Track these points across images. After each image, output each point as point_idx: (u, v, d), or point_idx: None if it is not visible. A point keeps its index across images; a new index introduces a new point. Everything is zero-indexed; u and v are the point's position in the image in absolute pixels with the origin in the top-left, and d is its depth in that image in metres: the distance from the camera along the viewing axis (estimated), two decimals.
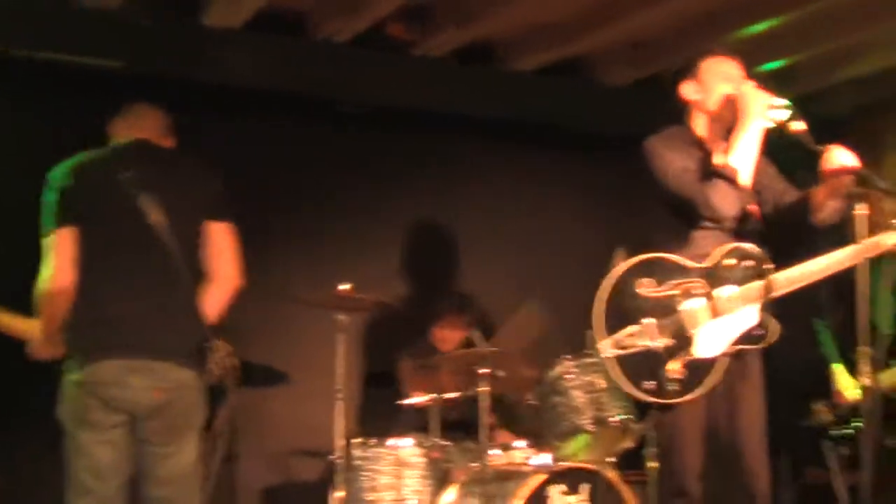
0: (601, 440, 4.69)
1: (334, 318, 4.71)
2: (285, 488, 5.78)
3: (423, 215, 6.26)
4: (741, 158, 3.61)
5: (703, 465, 3.67)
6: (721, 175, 3.60)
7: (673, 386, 3.52)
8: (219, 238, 3.91)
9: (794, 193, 3.79)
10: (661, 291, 3.61)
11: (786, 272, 3.63)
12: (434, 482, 4.59)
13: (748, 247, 3.66)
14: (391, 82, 5.93)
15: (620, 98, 6.48)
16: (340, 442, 4.64)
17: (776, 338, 3.61)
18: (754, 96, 3.64)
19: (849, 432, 5.25)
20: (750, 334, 3.61)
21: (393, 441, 4.63)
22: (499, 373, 4.48)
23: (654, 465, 4.54)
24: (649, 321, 3.57)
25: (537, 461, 4.59)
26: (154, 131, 4.01)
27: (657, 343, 3.54)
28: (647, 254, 3.65)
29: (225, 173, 4.04)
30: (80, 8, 5.16)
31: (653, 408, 3.66)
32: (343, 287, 4.62)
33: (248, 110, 5.73)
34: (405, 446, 4.61)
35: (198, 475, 3.91)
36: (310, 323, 5.40)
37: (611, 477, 4.51)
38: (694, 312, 3.58)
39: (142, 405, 3.68)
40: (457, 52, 5.97)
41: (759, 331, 3.61)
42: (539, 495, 4.37)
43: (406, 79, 5.95)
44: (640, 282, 3.60)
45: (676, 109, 4.04)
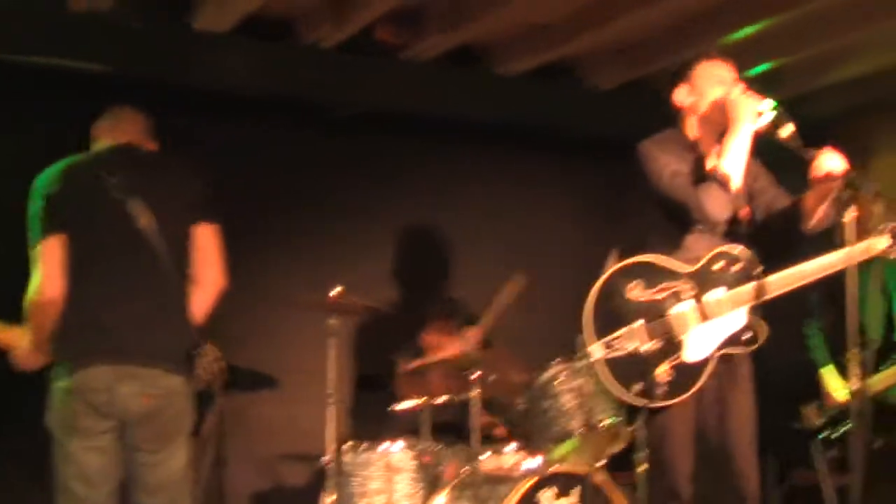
0: (591, 444, 4.70)
1: (326, 322, 4.70)
2: (275, 493, 5.77)
3: (413, 219, 6.26)
4: (733, 162, 3.64)
5: (694, 468, 3.69)
6: (713, 179, 3.62)
7: (662, 389, 3.53)
8: (204, 240, 3.92)
9: (787, 199, 3.81)
10: (651, 294, 3.62)
11: (777, 275, 3.65)
12: (425, 486, 4.58)
13: (737, 250, 3.68)
14: (380, 86, 5.92)
15: (608, 101, 6.49)
16: (331, 446, 4.63)
17: (764, 341, 3.63)
18: (745, 101, 3.67)
19: (838, 435, 5.27)
20: (739, 337, 3.63)
21: (384, 445, 4.62)
22: (490, 377, 4.48)
23: (644, 468, 4.55)
24: (639, 324, 3.59)
25: (528, 465, 4.60)
26: (137, 134, 4.03)
27: (646, 346, 3.56)
28: (639, 257, 3.67)
29: (215, 177, 4.04)
30: (69, 11, 5.14)
31: (642, 410, 3.66)
32: (334, 291, 4.61)
33: (238, 114, 5.72)
34: (396, 451, 4.60)
35: (188, 481, 3.92)
36: (301, 327, 5.40)
37: (601, 480, 4.52)
38: (683, 315, 3.60)
39: (131, 411, 3.68)
40: (446, 56, 5.97)
41: (748, 334, 3.62)
42: (530, 499, 4.36)
43: (395, 82, 5.95)
44: (630, 285, 3.62)
45: (665, 112, 4.06)
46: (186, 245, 3.88)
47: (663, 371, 3.54)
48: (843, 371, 5.21)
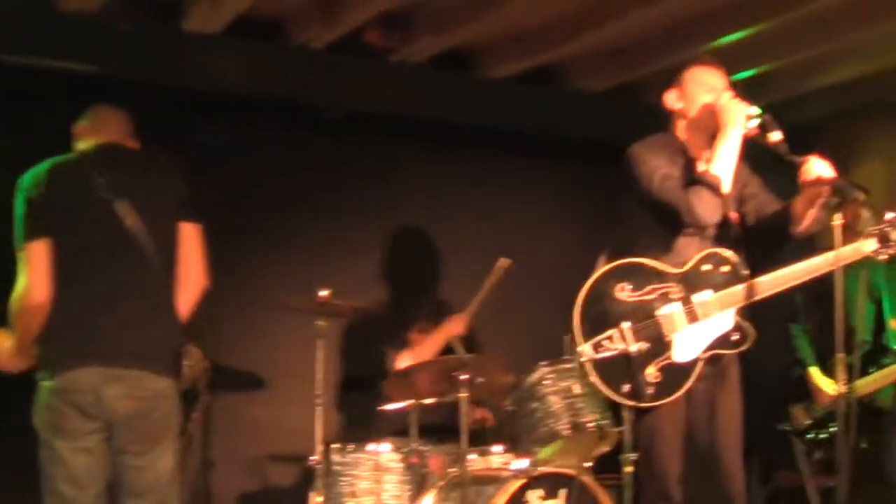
0: (578, 445, 4.72)
1: (314, 324, 4.71)
2: (262, 494, 5.76)
3: (402, 220, 6.26)
4: (723, 166, 3.67)
5: (682, 469, 3.71)
6: (704, 182, 3.65)
7: (650, 389, 3.56)
8: (187, 240, 3.91)
9: (776, 203, 3.84)
10: (640, 296, 3.65)
11: (765, 277, 3.68)
12: (413, 487, 4.59)
13: (725, 252, 3.70)
14: (369, 88, 5.93)
15: (596, 105, 6.52)
16: (320, 447, 4.64)
17: (752, 342, 3.66)
18: (734, 107, 3.69)
19: (824, 436, 5.30)
20: (727, 339, 3.65)
21: (372, 446, 4.63)
22: (478, 379, 4.49)
23: (630, 470, 4.58)
24: (627, 325, 3.61)
25: (515, 466, 4.61)
26: (119, 133, 4.01)
27: (634, 347, 3.58)
28: (628, 259, 3.69)
29: (204, 178, 4.04)
30: (60, 12, 5.13)
31: (630, 411, 3.69)
32: (323, 293, 4.62)
33: (227, 115, 5.72)
34: (384, 451, 4.61)
35: (176, 483, 3.91)
36: (289, 328, 5.39)
37: (588, 481, 4.54)
38: (671, 317, 3.63)
39: (117, 413, 3.67)
40: (435, 59, 5.98)
41: (736, 335, 3.65)
42: (517, 500, 4.38)
43: (384, 85, 5.95)
44: (619, 286, 3.64)
45: (651, 116, 4.09)
46: (173, 245, 3.87)
47: (652, 372, 3.56)
48: (829, 373, 5.24)
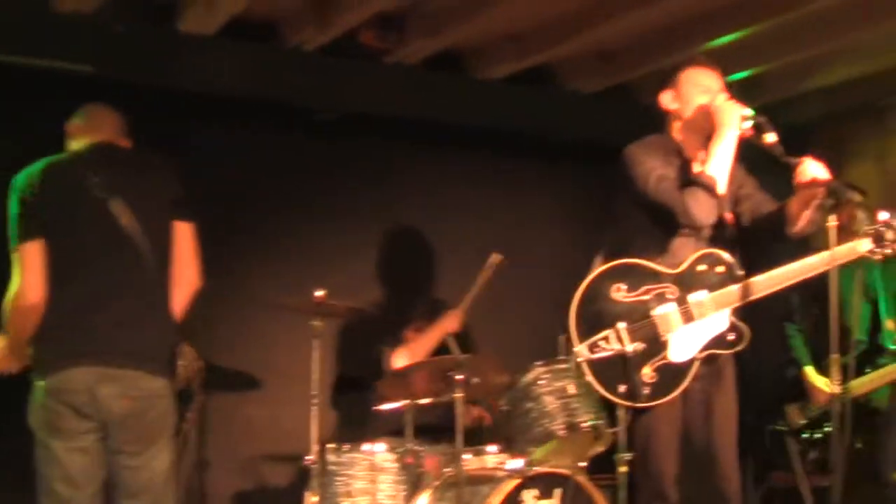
0: (573, 445, 4.73)
1: (310, 324, 4.71)
2: (257, 494, 5.75)
3: (397, 221, 6.27)
4: (718, 167, 3.68)
5: (678, 469, 3.72)
6: (699, 183, 3.66)
7: (646, 389, 3.57)
8: (181, 239, 3.91)
9: (772, 204, 3.85)
10: (635, 296, 3.66)
11: (760, 277, 3.69)
12: (408, 487, 4.60)
13: (720, 253, 3.72)
14: (364, 89, 5.93)
15: (590, 105, 6.53)
16: (315, 447, 4.64)
17: (747, 342, 3.68)
18: (729, 108, 3.71)
19: (819, 435, 5.31)
20: (723, 338, 3.67)
21: (367, 446, 4.64)
22: (473, 379, 4.49)
23: (625, 470, 4.59)
24: (623, 326, 3.62)
25: (510, 466, 4.62)
26: (112, 132, 4.00)
27: (630, 347, 3.59)
28: (624, 259, 3.70)
29: (199, 179, 4.04)
30: (55, 12, 5.13)
31: (626, 411, 3.70)
32: (318, 293, 4.63)
33: (222, 117, 5.71)
34: (379, 451, 4.62)
35: (172, 483, 3.91)
36: (285, 328, 5.41)
37: (583, 481, 4.55)
38: (667, 317, 3.64)
39: (113, 413, 3.67)
40: (429, 60, 5.99)
41: (732, 335, 3.66)
42: (512, 500, 4.38)
43: (378, 86, 5.95)
44: (615, 287, 3.65)
45: (645, 117, 4.10)
46: (167, 244, 3.87)
47: (648, 372, 3.57)
48: (825, 373, 5.25)
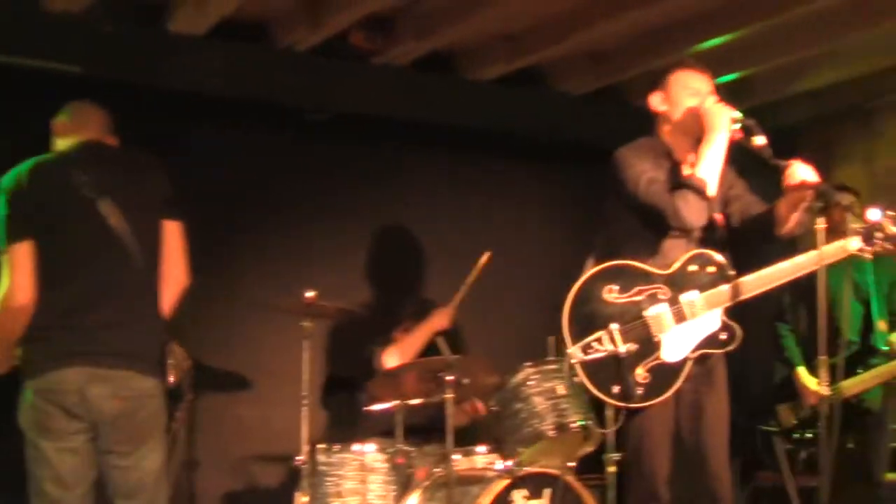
0: (562, 445, 4.75)
1: (300, 325, 4.72)
2: (247, 494, 5.75)
3: (388, 222, 6.27)
4: (709, 170, 3.69)
5: (670, 470, 3.74)
6: (690, 186, 3.68)
7: (639, 390, 3.58)
8: (170, 237, 3.91)
9: (761, 205, 3.87)
10: (627, 297, 3.67)
11: (749, 277, 3.71)
12: (398, 487, 4.61)
13: (711, 253, 3.73)
14: (354, 90, 5.93)
15: (580, 107, 6.55)
16: (305, 447, 4.65)
17: (739, 342, 3.69)
18: (719, 111, 3.72)
19: (811, 435, 5.33)
20: (716, 338, 3.68)
21: (358, 446, 4.65)
22: (463, 380, 4.51)
23: (614, 470, 4.61)
24: (615, 327, 3.63)
25: (500, 466, 4.64)
26: (99, 130, 4.00)
27: (623, 348, 3.60)
28: (616, 261, 3.72)
29: (189, 180, 4.03)
30: (45, 12, 5.12)
31: (621, 412, 3.71)
32: (309, 294, 4.64)
33: (212, 117, 5.71)
34: (370, 451, 4.63)
35: (163, 483, 3.91)
36: (275, 329, 5.41)
37: (572, 481, 4.57)
38: (659, 317, 3.65)
39: (103, 413, 3.67)
40: (419, 61, 6.00)
41: (724, 335, 3.68)
42: (502, 500, 4.40)
43: (369, 87, 5.95)
44: (607, 288, 3.67)
45: (635, 118, 4.12)
46: (156, 243, 3.87)
47: (641, 373, 3.59)
48: (817, 373, 5.26)
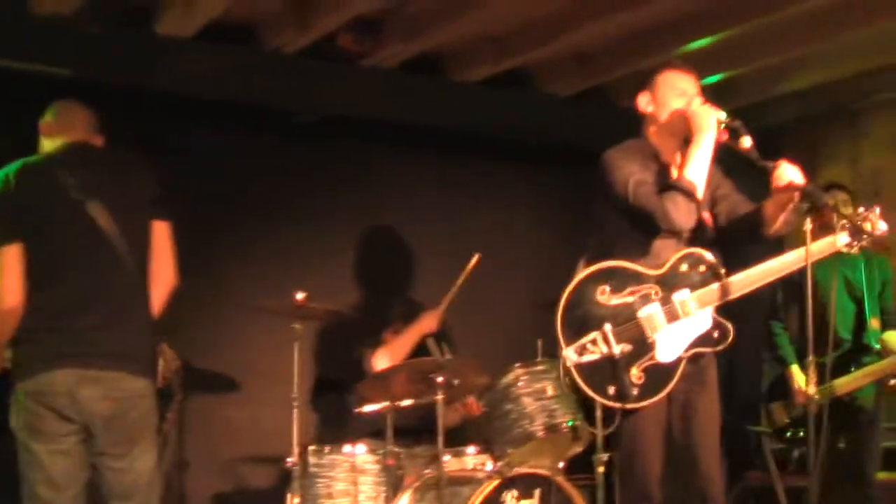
0: (552, 446, 4.77)
1: (290, 326, 4.73)
2: (237, 495, 5.75)
3: (376, 224, 6.28)
4: (696, 172, 3.71)
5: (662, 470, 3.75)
6: (679, 188, 3.70)
7: (634, 391, 3.59)
8: (158, 238, 3.91)
9: (748, 205, 3.88)
10: (620, 298, 3.68)
11: (739, 275, 3.73)
12: (388, 488, 4.62)
13: (702, 252, 3.75)
14: (342, 92, 5.94)
15: (567, 108, 6.56)
16: (296, 448, 4.66)
17: (732, 339, 3.71)
18: (705, 113, 3.74)
19: (803, 434, 5.33)
20: (709, 336, 3.70)
21: (348, 447, 4.66)
22: (454, 381, 4.52)
23: (602, 470, 4.64)
24: (609, 328, 3.64)
25: (490, 467, 4.65)
26: (85, 131, 3.99)
27: (617, 349, 3.61)
28: (608, 262, 3.73)
29: (177, 182, 4.03)
30: (32, 15, 5.11)
31: (617, 413, 3.71)
32: (299, 295, 4.65)
33: (200, 119, 5.71)
34: (360, 453, 4.64)
35: (156, 484, 3.92)
36: (265, 330, 5.41)
37: (562, 482, 4.59)
38: (652, 317, 3.66)
39: (95, 414, 3.67)
40: (407, 63, 6.01)
41: (717, 333, 3.70)
42: (493, 500, 4.42)
43: (357, 89, 5.96)
44: (599, 290, 3.68)
45: (621, 119, 4.13)
46: (146, 244, 3.87)
47: (636, 373, 3.60)
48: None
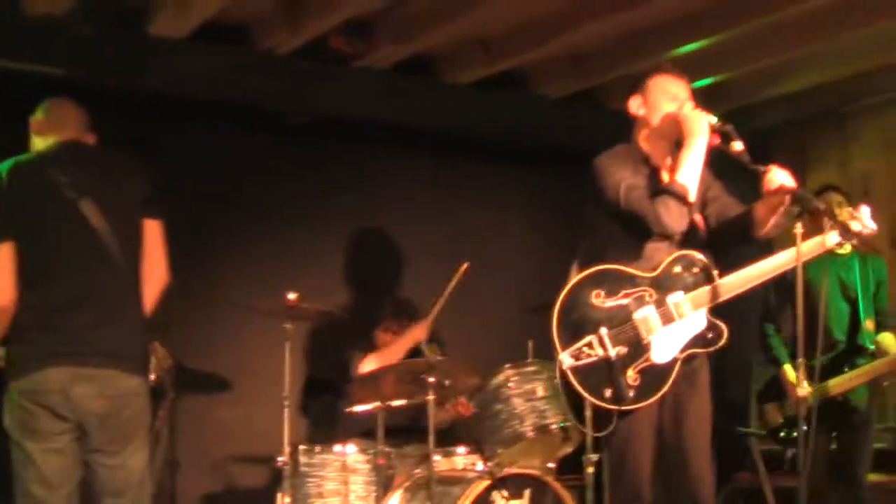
0: (542, 446, 4.79)
1: (281, 326, 4.74)
2: (228, 495, 5.77)
3: (368, 224, 6.30)
4: (688, 176, 3.71)
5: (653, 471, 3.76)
6: (671, 193, 3.71)
7: (630, 393, 3.61)
8: (150, 236, 3.90)
9: (738, 207, 3.89)
10: (615, 301, 3.69)
11: (731, 276, 3.74)
12: (379, 488, 4.64)
13: (695, 254, 3.77)
14: (334, 93, 5.95)
15: (558, 110, 6.58)
16: (287, 448, 4.67)
17: (726, 340, 3.73)
18: (697, 117, 3.75)
19: (797, 434, 5.35)
20: (703, 338, 3.72)
21: (339, 447, 4.67)
22: (444, 381, 4.53)
23: (592, 470, 4.65)
24: (604, 331, 3.65)
25: (480, 467, 4.67)
26: (76, 129, 3.98)
27: (613, 352, 3.62)
28: (601, 266, 3.74)
29: (170, 182, 4.03)
30: (25, 15, 5.12)
31: (612, 416, 3.71)
32: (291, 296, 4.66)
33: (193, 120, 5.73)
34: (351, 453, 4.66)
35: (148, 481, 3.92)
36: (256, 330, 5.44)
37: (551, 482, 4.61)
38: (647, 320, 3.67)
39: (89, 413, 3.67)
40: (400, 65, 6.02)
41: (711, 334, 3.72)
42: (483, 500, 4.44)
43: (349, 90, 5.97)
44: (594, 293, 3.69)
45: (614, 121, 4.15)
46: (138, 242, 3.86)
47: (631, 375, 3.61)
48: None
